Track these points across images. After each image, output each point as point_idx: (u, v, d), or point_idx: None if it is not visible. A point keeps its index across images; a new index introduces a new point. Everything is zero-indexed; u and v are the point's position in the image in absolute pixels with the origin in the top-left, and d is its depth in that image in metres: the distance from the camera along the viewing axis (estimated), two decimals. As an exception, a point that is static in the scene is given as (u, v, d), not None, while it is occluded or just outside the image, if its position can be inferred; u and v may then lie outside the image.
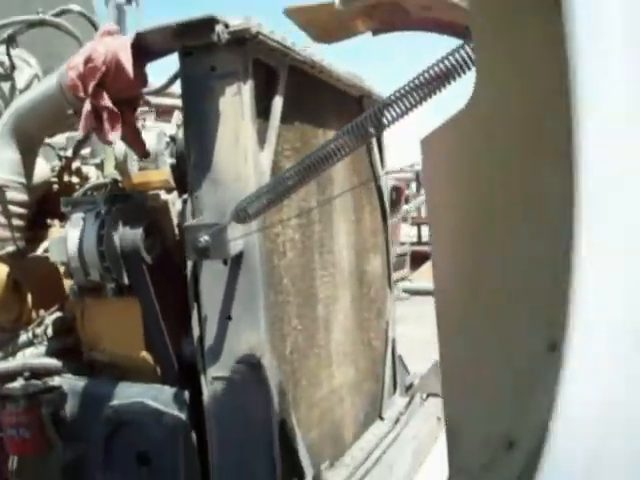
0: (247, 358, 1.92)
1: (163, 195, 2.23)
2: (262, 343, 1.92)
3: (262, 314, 1.92)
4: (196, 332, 1.98)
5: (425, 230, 13.77)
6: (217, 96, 1.88)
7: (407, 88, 1.23)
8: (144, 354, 2.19)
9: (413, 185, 13.84)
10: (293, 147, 2.20)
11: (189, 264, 1.97)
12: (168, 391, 2.10)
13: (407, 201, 11.24)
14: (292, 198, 2.03)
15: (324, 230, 2.43)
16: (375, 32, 4.36)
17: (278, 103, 2.07)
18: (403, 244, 10.72)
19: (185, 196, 2.19)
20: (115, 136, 1.88)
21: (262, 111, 1.98)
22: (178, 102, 2.42)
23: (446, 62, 1.18)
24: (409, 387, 3.24)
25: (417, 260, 10.37)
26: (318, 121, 2.42)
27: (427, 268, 10.09)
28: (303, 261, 2.25)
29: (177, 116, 2.56)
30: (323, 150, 1.45)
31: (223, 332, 1.95)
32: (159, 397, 2.10)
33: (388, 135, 2.65)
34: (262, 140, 1.98)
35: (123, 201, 2.18)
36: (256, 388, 1.92)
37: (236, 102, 1.87)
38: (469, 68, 1.18)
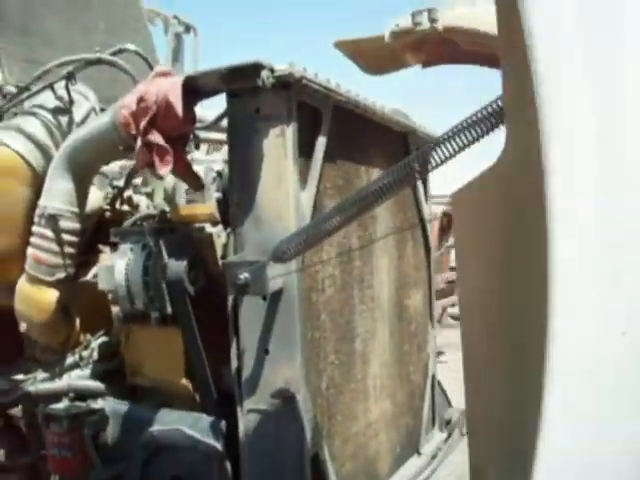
0: (282, 392, 1.96)
1: (208, 228, 2.29)
2: (297, 378, 1.95)
3: (298, 349, 1.96)
4: (234, 364, 2.03)
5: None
6: (261, 137, 1.95)
7: (456, 129, 1.22)
8: (184, 382, 2.25)
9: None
10: (335, 185, 2.25)
11: (229, 298, 2.03)
12: (205, 420, 2.15)
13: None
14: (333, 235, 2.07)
15: (364, 266, 2.46)
16: (425, 65, 4.37)
17: (321, 143, 2.12)
18: (453, 269, 10.63)
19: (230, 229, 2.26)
20: (165, 170, 1.96)
21: (305, 151, 2.03)
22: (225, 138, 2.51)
23: (495, 105, 1.18)
24: (449, 422, 3.21)
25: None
26: (362, 159, 2.47)
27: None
28: (342, 297, 2.28)
29: (225, 151, 2.62)
30: (366, 191, 1.44)
31: (260, 365, 1.99)
32: (196, 425, 2.15)
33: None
34: (304, 180, 2.03)
35: (170, 233, 2.25)
36: (290, 422, 1.96)
37: (279, 143, 1.93)
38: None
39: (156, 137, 1.99)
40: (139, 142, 2.00)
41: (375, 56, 4.09)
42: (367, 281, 2.47)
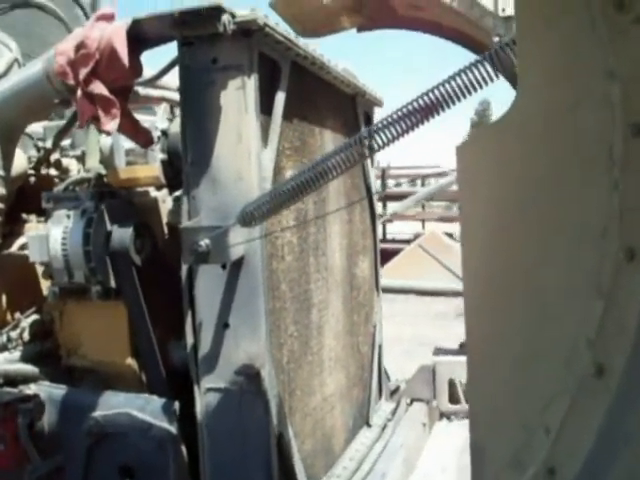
0: (246, 368, 1.81)
1: (153, 192, 2.13)
2: (262, 353, 1.81)
3: (262, 322, 1.81)
4: (190, 340, 1.87)
5: (390, 227, 13.78)
6: (219, 89, 1.77)
7: (411, 107, 1.22)
8: (130, 361, 2.07)
9: (377, 183, 13.80)
10: (293, 146, 2.10)
11: (184, 268, 1.85)
12: (156, 401, 1.99)
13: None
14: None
15: (318, 232, 2.33)
16: (360, 29, 4.22)
17: (280, 99, 1.96)
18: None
19: (177, 193, 2.08)
20: (113, 124, 1.74)
21: (264, 107, 1.87)
22: (167, 94, 2.31)
23: (447, 85, 1.17)
24: (394, 392, 3.16)
25: (383, 257, 10.38)
26: (315, 119, 2.33)
27: (393, 265, 10.07)
28: (300, 265, 2.15)
29: (165, 109, 2.42)
30: (326, 163, 1.40)
31: (219, 340, 1.84)
32: (146, 407, 1.99)
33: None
34: (265, 138, 1.87)
35: (111, 198, 2.07)
36: (255, 400, 1.82)
37: (239, 96, 1.76)
38: (473, 91, 1.17)
39: (99, 88, 1.77)
40: (79, 93, 1.77)
41: (311, 18, 3.90)
42: (321, 248, 2.35)
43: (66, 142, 2.55)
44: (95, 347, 2.13)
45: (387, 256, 9.99)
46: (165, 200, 2.13)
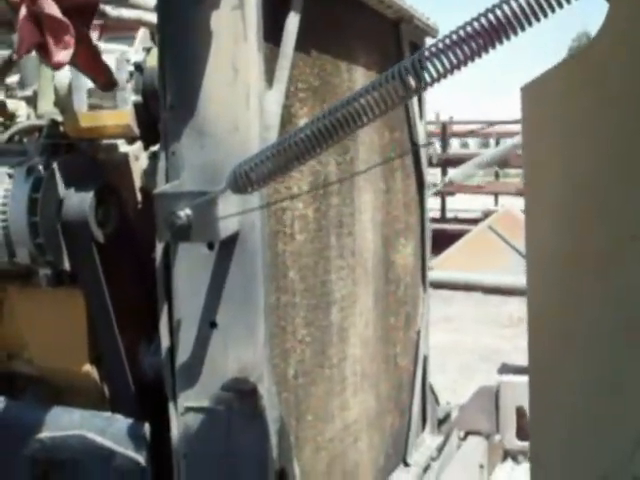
0: (237, 383, 1.82)
1: (122, 146, 2.13)
2: (259, 362, 1.82)
3: (261, 321, 1.82)
4: (165, 342, 1.88)
5: (452, 202, 13.70)
6: (209, 9, 1.76)
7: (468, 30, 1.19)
8: (88, 368, 2.11)
9: (436, 143, 13.75)
10: (310, 87, 2.11)
11: (159, 247, 1.87)
12: (121, 422, 2.02)
13: (431, 162, 11.11)
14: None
15: (344, 204, 2.33)
16: None
17: (292, 23, 1.95)
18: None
19: (154, 149, 2.09)
20: (64, 56, 1.74)
21: (270, 34, 1.86)
22: (146, 16, 2.31)
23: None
24: (442, 422, 3.17)
25: (440, 242, 10.33)
26: (342, 52, 2.32)
27: (453, 252, 10.04)
28: (316, 247, 2.15)
29: (144, 36, 2.41)
30: (353, 104, 1.37)
31: (204, 344, 1.85)
32: (107, 430, 2.01)
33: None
34: (270, 75, 1.87)
35: (67, 152, 2.09)
36: (248, 424, 1.83)
37: (236, 18, 1.76)
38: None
39: (48, 6, 1.76)
40: (23, 13, 1.76)
41: None
42: (347, 225, 2.34)
43: (13, 79, 2.56)
44: (43, 349, 2.16)
45: (445, 240, 9.98)
46: (138, 157, 2.13)
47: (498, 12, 1.17)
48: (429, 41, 3.03)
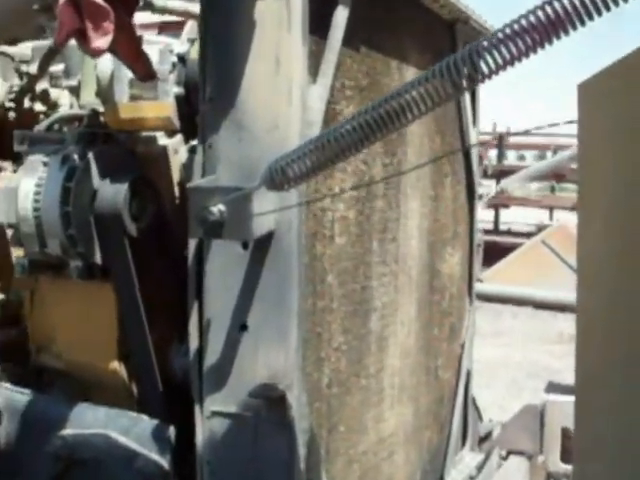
0: (266, 389, 1.76)
1: (162, 139, 2.10)
2: (291, 368, 1.76)
3: (294, 326, 1.76)
4: (194, 343, 1.84)
5: (506, 214, 13.55)
6: (252, -2, 1.71)
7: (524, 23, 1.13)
8: (116, 365, 2.08)
9: (493, 153, 13.63)
10: (357, 85, 2.05)
11: (191, 243, 1.82)
12: (146, 423, 1.99)
13: (485, 173, 11.03)
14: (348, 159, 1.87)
15: (389, 208, 2.26)
16: None
17: (341, 16, 1.89)
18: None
19: (194, 142, 2.04)
20: (103, 42, 1.69)
21: (316, 26, 1.81)
22: (192, 7, 2.29)
23: None
24: (483, 439, 3.08)
25: (491, 255, 10.22)
26: (393, 50, 2.27)
27: (505, 265, 9.90)
28: (357, 251, 2.09)
29: (190, 28, 2.38)
30: (398, 99, 1.30)
31: (234, 347, 1.80)
32: (132, 430, 1.98)
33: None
34: (314, 70, 1.81)
35: (103, 142, 2.06)
36: (275, 433, 1.77)
37: (280, 7, 1.70)
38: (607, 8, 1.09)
39: (90, -10, 1.71)
40: (63, -4, 1.72)
41: None
42: (391, 231, 2.28)
43: (59, 68, 2.54)
44: (72, 343, 2.14)
45: (497, 253, 9.86)
46: (178, 150, 2.09)
47: (557, 4, 1.09)
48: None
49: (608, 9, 1.11)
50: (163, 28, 2.98)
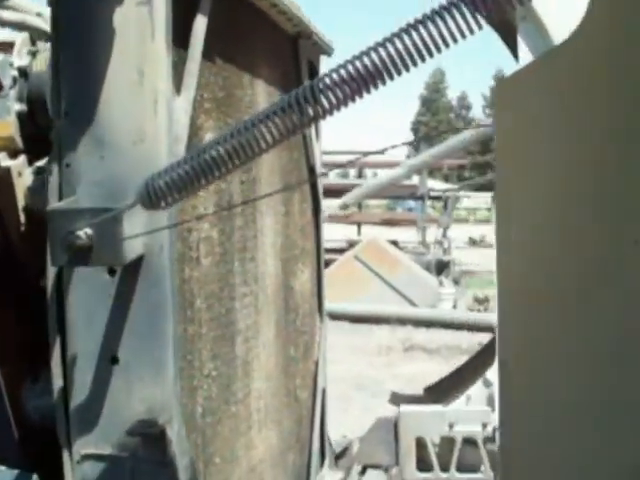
0: (144, 425, 1.62)
1: (3, 161, 1.91)
2: (168, 402, 1.63)
3: (170, 355, 1.63)
4: (58, 382, 1.68)
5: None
6: (112, 4, 1.57)
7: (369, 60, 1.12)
8: None
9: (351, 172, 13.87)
10: (214, 97, 1.97)
11: (51, 271, 1.66)
12: (4, 474, 1.82)
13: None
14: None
15: (246, 226, 2.18)
16: None
17: (201, 25, 1.81)
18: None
19: (40, 163, 1.92)
20: None
21: (179, 36, 1.72)
22: (30, 19, 2.15)
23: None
24: (340, 455, 3.03)
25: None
26: (246, 64, 2.20)
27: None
28: (221, 272, 1.99)
29: (25, 41, 2.20)
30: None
31: (104, 383, 1.65)
32: None
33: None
34: (178, 80, 1.71)
35: None
36: (155, 474, 1.64)
37: (143, 15, 1.59)
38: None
39: None
40: None
41: None
42: (250, 250, 2.19)
43: None
44: None
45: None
46: (22, 173, 1.92)
47: (390, 48, 1.10)
48: (324, 59, 2.92)
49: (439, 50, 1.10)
50: None
